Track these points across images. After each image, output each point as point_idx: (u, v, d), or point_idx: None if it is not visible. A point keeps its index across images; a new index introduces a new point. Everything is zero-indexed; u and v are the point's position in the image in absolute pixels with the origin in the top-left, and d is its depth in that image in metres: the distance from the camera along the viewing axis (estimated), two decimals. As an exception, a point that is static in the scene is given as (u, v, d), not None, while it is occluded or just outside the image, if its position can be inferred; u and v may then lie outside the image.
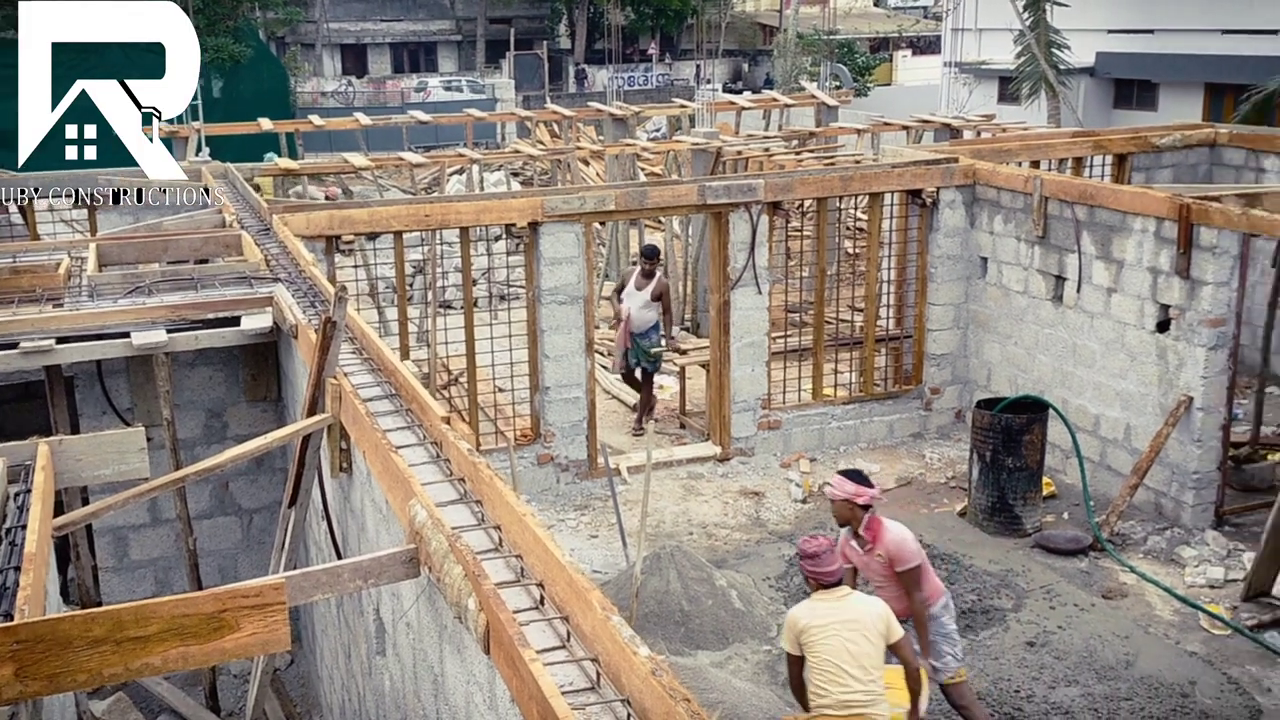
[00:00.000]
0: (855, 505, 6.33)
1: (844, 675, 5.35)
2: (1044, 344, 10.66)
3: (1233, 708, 7.06)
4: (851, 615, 5.46)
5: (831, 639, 5.39)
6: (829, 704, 5.38)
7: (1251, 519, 9.30)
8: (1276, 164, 12.61)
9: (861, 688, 5.34)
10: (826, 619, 5.45)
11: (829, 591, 5.59)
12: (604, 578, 8.81)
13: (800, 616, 5.54)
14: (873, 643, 5.41)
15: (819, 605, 5.54)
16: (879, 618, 5.50)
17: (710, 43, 47.18)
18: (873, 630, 5.43)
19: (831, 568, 5.59)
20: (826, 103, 19.92)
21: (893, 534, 6.31)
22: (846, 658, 5.36)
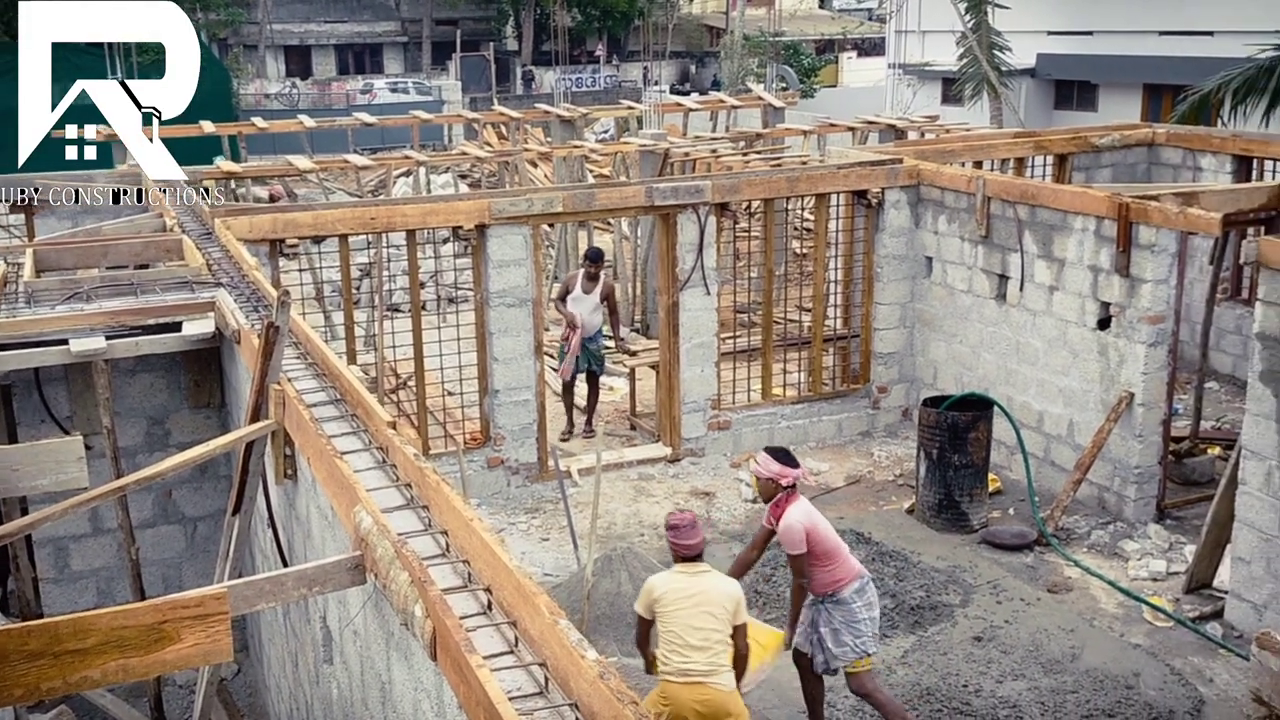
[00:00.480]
0: (778, 484, 6.46)
1: (686, 648, 5.71)
2: (988, 342, 10.79)
3: (1176, 699, 7.18)
4: (701, 590, 5.79)
5: (679, 612, 5.74)
6: (670, 672, 5.78)
7: (1192, 512, 9.47)
8: (1213, 163, 12.86)
9: (701, 659, 5.70)
10: (679, 592, 5.79)
11: (688, 565, 5.90)
12: (555, 580, 8.79)
13: (656, 585, 5.90)
14: (717, 619, 5.74)
15: (676, 578, 5.88)
16: (728, 597, 5.82)
17: (657, 44, 47.27)
18: (719, 608, 5.76)
19: (691, 541, 5.89)
20: (773, 104, 20.03)
21: (785, 520, 6.40)
22: (690, 631, 5.71)
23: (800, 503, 6.51)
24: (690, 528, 5.91)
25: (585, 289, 11.46)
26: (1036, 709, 7.03)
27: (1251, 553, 7.64)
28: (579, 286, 11.50)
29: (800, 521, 6.39)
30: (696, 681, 5.72)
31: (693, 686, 5.73)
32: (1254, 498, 7.59)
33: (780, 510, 6.49)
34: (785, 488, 6.48)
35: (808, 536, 6.38)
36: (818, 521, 6.49)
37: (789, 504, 6.48)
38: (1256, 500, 7.57)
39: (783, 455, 6.57)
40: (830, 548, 6.46)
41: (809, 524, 6.41)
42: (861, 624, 6.50)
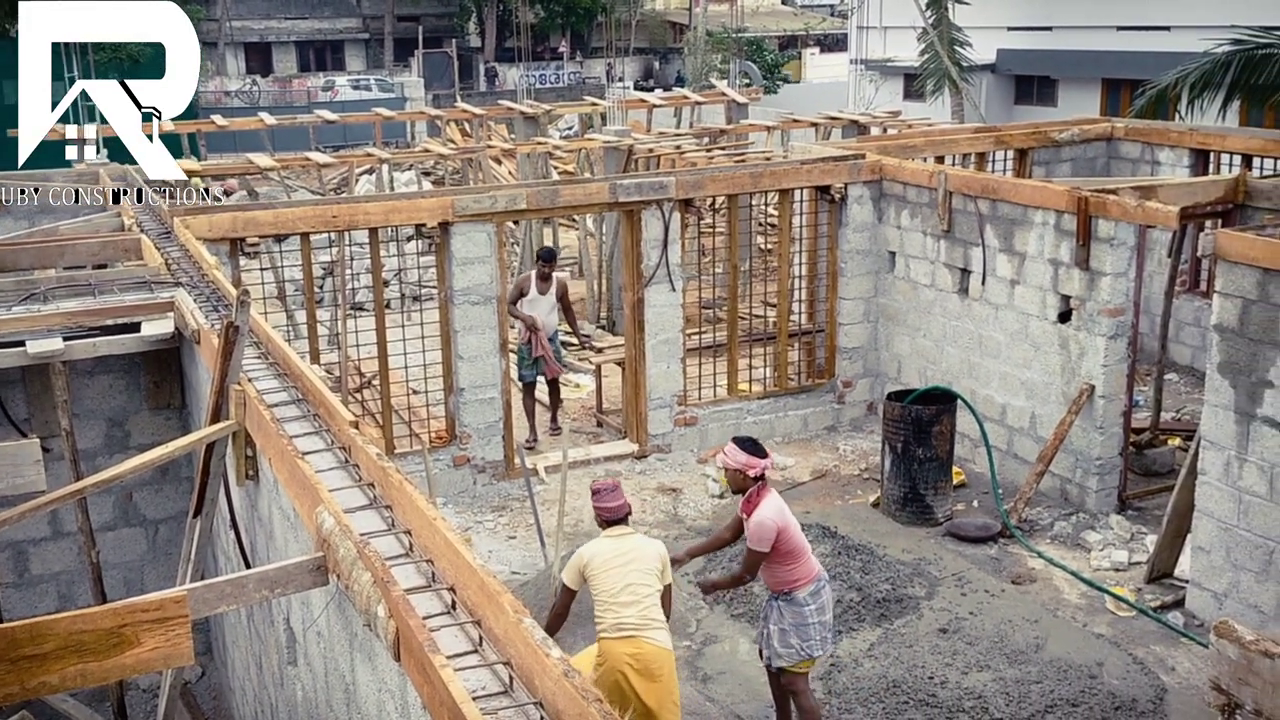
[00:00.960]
0: (746, 475, 6.42)
1: (618, 604, 5.89)
2: (951, 336, 10.86)
3: (1139, 687, 7.26)
4: (628, 549, 5.99)
5: (609, 573, 5.92)
6: (605, 628, 5.94)
7: (1153, 503, 9.58)
8: (1171, 156, 13.01)
9: (633, 613, 5.88)
10: (607, 553, 5.98)
11: (614, 529, 6.10)
12: (523, 578, 8.76)
13: (585, 552, 6.06)
14: (646, 574, 5.95)
15: (603, 542, 6.06)
16: (655, 556, 6.06)
17: (621, 41, 47.25)
18: (647, 565, 5.97)
19: (615, 504, 6.10)
20: (737, 100, 20.08)
21: (757, 514, 6.35)
22: (621, 588, 5.89)
23: (773, 499, 6.45)
24: (612, 491, 6.15)
25: (540, 290, 11.31)
26: (1001, 699, 7.09)
27: (1211, 542, 7.74)
28: (533, 288, 11.32)
29: (773, 520, 6.33)
30: (629, 635, 5.87)
31: (626, 640, 5.87)
32: (1213, 487, 7.69)
33: (753, 505, 6.43)
34: (754, 479, 6.43)
35: (777, 536, 6.32)
36: (790, 521, 6.44)
37: (761, 498, 6.42)
38: (1216, 490, 7.67)
39: (750, 445, 6.51)
40: (795, 547, 6.42)
41: (782, 524, 6.36)
42: (810, 627, 6.44)
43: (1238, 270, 7.35)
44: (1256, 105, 15.41)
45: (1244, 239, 7.36)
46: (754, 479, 6.44)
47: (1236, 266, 7.35)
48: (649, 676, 5.90)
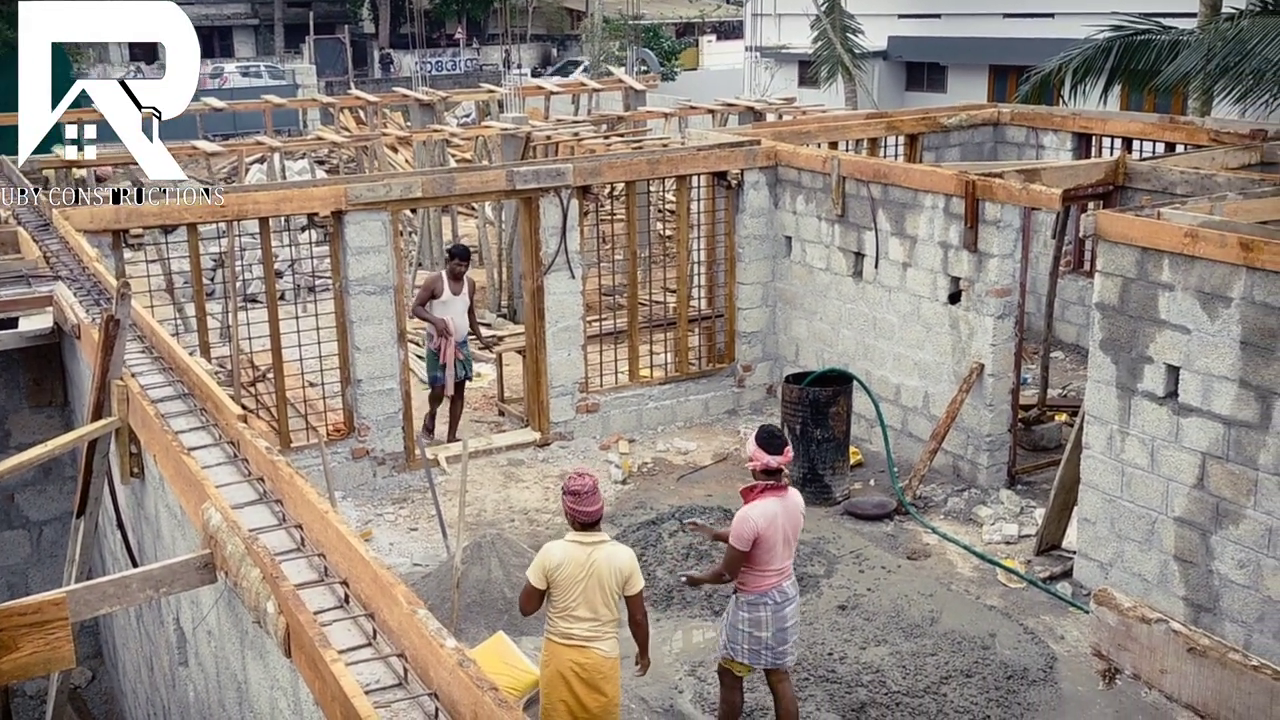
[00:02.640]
0: (753, 468, 6.16)
1: (572, 617, 5.82)
2: (847, 319, 11.03)
3: (1030, 656, 7.48)
4: (594, 563, 5.80)
5: (572, 587, 5.79)
6: (555, 633, 5.91)
7: (1041, 477, 9.86)
8: (1055, 140, 13.38)
9: (585, 627, 5.82)
10: (574, 565, 5.79)
11: (584, 533, 5.86)
12: (425, 570, 8.69)
13: (554, 554, 5.85)
14: (606, 590, 5.82)
15: (572, 549, 5.84)
16: (618, 571, 5.84)
17: (518, 27, 46.90)
18: (609, 580, 5.81)
19: (591, 508, 5.82)
20: (634, 87, 20.09)
21: (745, 510, 6.15)
22: (580, 602, 5.79)
23: (770, 502, 6.13)
24: (590, 494, 5.82)
25: (453, 290, 10.86)
26: (898, 673, 7.25)
27: (1096, 513, 8.00)
28: (446, 289, 10.83)
29: (756, 521, 6.06)
30: (578, 645, 5.85)
31: (574, 648, 5.86)
32: (1097, 461, 7.94)
33: (750, 498, 6.19)
34: (760, 473, 6.14)
35: (755, 540, 6.08)
36: (776, 531, 6.13)
37: (760, 496, 6.15)
38: (1100, 463, 7.93)
39: (765, 438, 6.15)
40: (763, 557, 6.13)
41: (765, 529, 6.07)
42: (738, 632, 6.27)
43: (1118, 250, 7.59)
44: (1136, 89, 15.92)
45: (1123, 219, 7.61)
46: (760, 473, 6.15)
47: (1116, 246, 7.59)
48: (594, 686, 5.91)
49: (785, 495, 6.19)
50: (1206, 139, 11.38)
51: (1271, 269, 6.63)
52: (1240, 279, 6.82)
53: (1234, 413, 6.96)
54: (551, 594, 5.86)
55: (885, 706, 6.94)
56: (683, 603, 8.23)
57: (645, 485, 10.38)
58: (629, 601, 5.93)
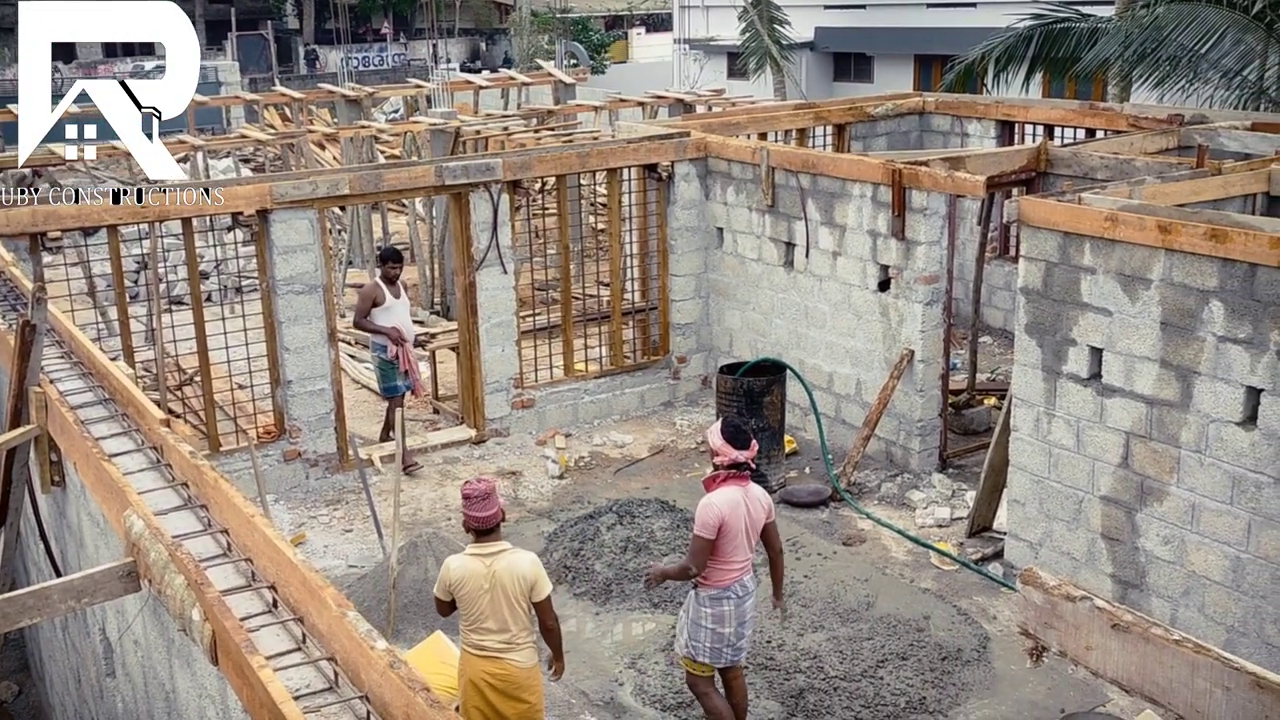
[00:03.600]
0: (720, 464, 6.06)
1: (481, 630, 5.76)
2: (779, 308, 11.10)
3: (963, 637, 7.59)
4: (495, 575, 5.69)
5: (478, 598, 5.70)
6: (469, 645, 5.84)
7: (972, 460, 10.02)
8: (979, 128, 13.57)
9: (495, 639, 5.74)
10: (474, 578, 5.69)
11: (483, 543, 5.74)
12: (361, 572, 8.60)
13: (453, 571, 5.76)
14: (512, 600, 5.71)
15: (470, 561, 5.74)
16: (521, 579, 5.71)
17: (445, 22, 46.51)
18: (513, 590, 5.70)
19: (486, 513, 5.69)
20: (564, 81, 20.03)
21: (708, 497, 6.06)
22: (487, 614, 5.72)
23: (733, 491, 6.05)
24: (484, 498, 5.67)
25: (393, 294, 10.58)
26: (836, 658, 7.32)
27: (1025, 495, 8.14)
28: (386, 295, 10.52)
29: (721, 507, 5.99)
30: (491, 656, 5.78)
31: (488, 660, 5.78)
32: (1025, 443, 8.08)
33: (712, 487, 6.10)
34: (722, 466, 6.04)
35: (720, 527, 5.98)
36: (739, 520, 6.05)
37: (724, 484, 6.07)
38: (1027, 445, 8.06)
39: (731, 432, 6.07)
40: (727, 548, 6.04)
41: (729, 515, 6.00)
42: (702, 630, 6.16)
43: (1040, 235, 7.72)
44: (1057, 77, 16.19)
45: (1045, 205, 7.73)
46: (722, 466, 6.06)
47: (1039, 231, 7.72)
48: (510, 696, 5.84)
49: (747, 486, 6.13)
50: (1126, 124, 11.61)
51: (1188, 251, 6.78)
52: (1159, 261, 6.97)
53: (1156, 392, 7.11)
54: (459, 607, 5.80)
55: (823, 692, 7.00)
56: (621, 595, 8.23)
57: (582, 479, 10.37)
58: (538, 608, 5.83)
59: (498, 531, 5.78)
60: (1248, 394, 6.65)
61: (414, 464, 10.44)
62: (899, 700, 6.92)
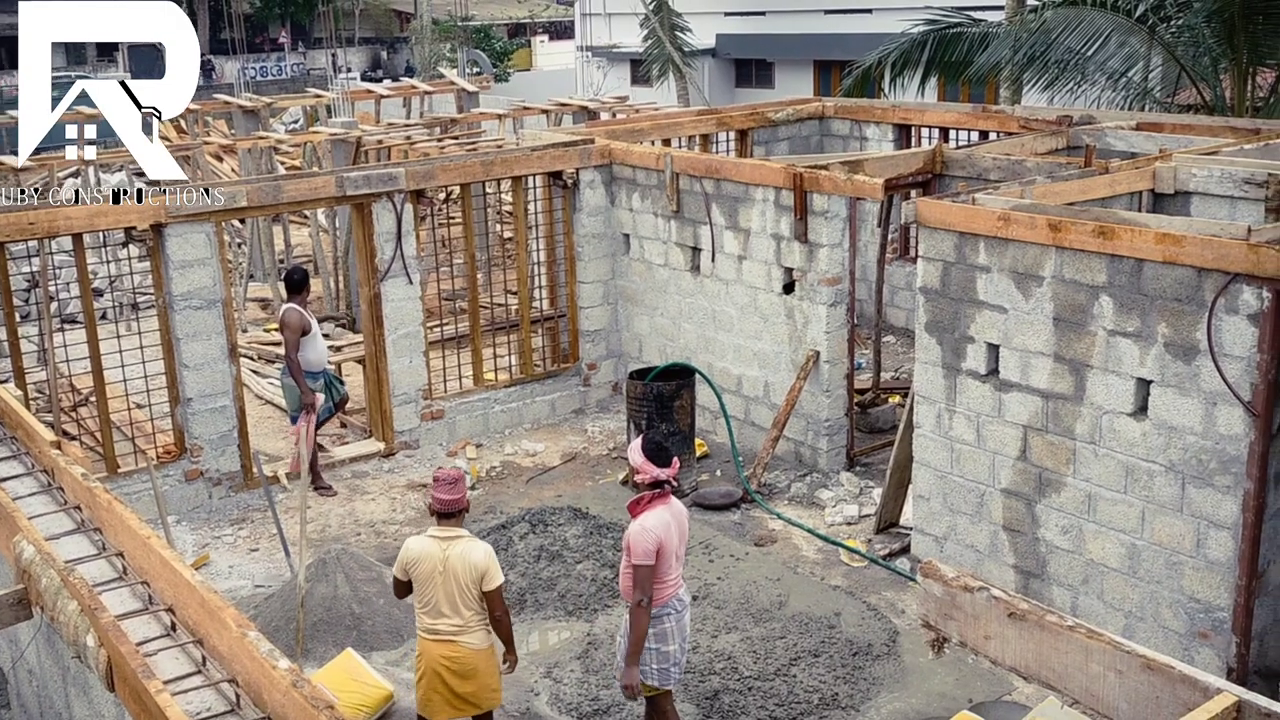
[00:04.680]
0: (640, 480, 5.98)
1: (435, 613, 5.93)
2: (687, 313, 11.18)
3: (874, 632, 7.71)
4: (448, 560, 5.89)
5: (430, 583, 5.91)
6: (424, 630, 6.02)
7: (878, 458, 10.19)
8: (877, 132, 13.82)
9: (448, 623, 5.92)
10: (429, 559, 5.90)
11: (443, 526, 5.95)
12: (268, 591, 8.44)
13: (411, 550, 5.98)
14: (463, 587, 5.90)
15: (428, 543, 5.95)
16: (473, 567, 5.89)
17: (345, 30, 45.92)
18: (464, 577, 5.89)
19: (450, 497, 5.90)
20: (467, 89, 19.91)
21: (640, 522, 5.94)
22: (440, 596, 5.90)
23: (662, 512, 5.95)
24: (452, 484, 5.91)
25: (313, 315, 10.23)
26: (749, 658, 7.38)
27: (930, 490, 8.31)
28: (310, 320, 10.03)
29: (655, 530, 5.86)
30: (445, 640, 5.93)
31: (441, 644, 5.94)
32: (928, 439, 8.24)
33: (640, 510, 5.96)
34: (649, 485, 5.94)
35: (659, 550, 5.86)
36: (671, 538, 5.96)
37: (651, 506, 5.94)
38: (930, 441, 8.23)
39: (653, 449, 5.95)
40: (663, 568, 5.94)
41: (664, 535, 5.89)
42: (645, 652, 6.01)
43: (937, 235, 7.89)
44: (952, 81, 16.58)
45: (941, 206, 7.91)
46: (647, 485, 5.95)
47: (936, 232, 7.89)
48: (464, 676, 6.00)
49: (670, 503, 6.08)
50: (1017, 126, 11.92)
51: (1078, 248, 6.99)
52: (1050, 258, 7.17)
53: (1051, 386, 7.31)
54: (414, 589, 5.98)
55: (738, 692, 7.06)
56: (535, 605, 8.20)
57: (494, 489, 10.31)
58: (487, 598, 5.95)
59: (459, 519, 5.98)
60: (1138, 385, 6.88)
61: (326, 487, 10.27)
62: (812, 697, 7.01)
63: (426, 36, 35.99)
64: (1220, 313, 6.40)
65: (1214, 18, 13.23)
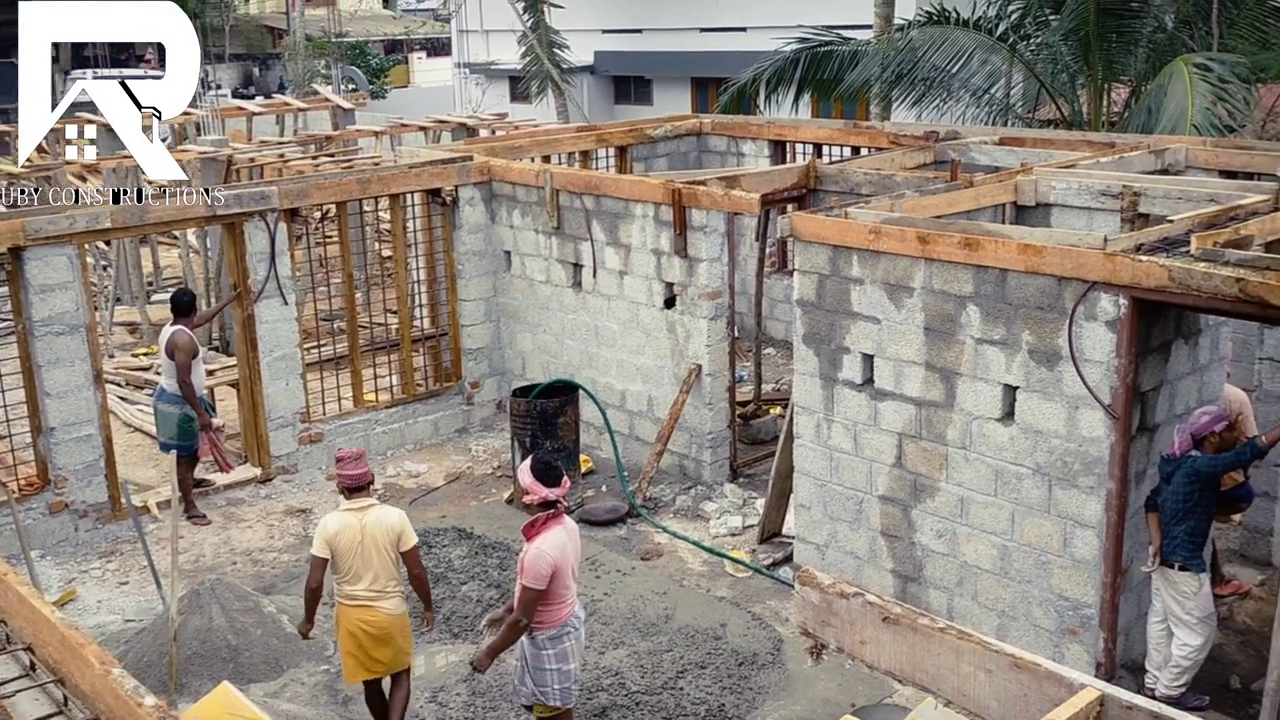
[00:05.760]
0: (531, 501, 5.96)
1: (355, 580, 6.34)
2: (569, 329, 11.17)
3: (758, 641, 7.79)
4: (369, 523, 6.32)
5: (351, 549, 6.29)
6: (343, 597, 6.41)
7: (761, 469, 10.32)
8: (753, 148, 14.04)
9: (365, 587, 6.34)
10: (349, 529, 6.29)
11: (355, 499, 6.36)
12: (139, 625, 8.14)
13: (331, 526, 6.33)
14: (382, 550, 6.34)
15: (345, 517, 6.34)
16: (390, 529, 6.35)
17: (215, 46, 44.80)
18: (383, 540, 6.33)
19: (358, 472, 6.34)
20: (342, 106, 19.65)
21: (536, 546, 5.89)
22: (359, 564, 6.31)
23: (558, 533, 5.94)
24: (356, 459, 6.36)
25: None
26: (637, 672, 7.39)
27: (810, 499, 8.44)
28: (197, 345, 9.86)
29: (551, 553, 5.85)
30: (363, 605, 6.35)
31: (360, 609, 6.36)
32: (808, 449, 8.38)
33: (534, 533, 5.92)
34: (537, 506, 5.93)
35: (553, 574, 5.86)
36: (568, 559, 5.97)
37: (546, 528, 5.92)
38: (810, 450, 8.37)
39: (542, 470, 5.95)
40: (558, 590, 5.95)
41: (559, 558, 5.89)
42: (546, 673, 6.04)
43: (812, 249, 8.04)
44: (824, 98, 16.92)
45: (815, 220, 8.06)
46: (537, 506, 5.94)
47: (811, 245, 8.04)
48: (381, 640, 6.45)
49: (565, 522, 6.07)
50: (887, 142, 12.24)
51: (945, 259, 7.20)
52: (920, 270, 7.37)
53: (923, 394, 7.51)
54: (335, 561, 6.31)
55: (625, 708, 7.06)
56: (418, 630, 8.07)
57: (376, 512, 10.12)
58: (405, 557, 6.39)
59: (367, 491, 6.41)
60: (1005, 391, 7.11)
61: (200, 515, 9.96)
62: (699, 709, 7.04)
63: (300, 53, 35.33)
64: (1080, 319, 6.66)
65: (1070, 36, 13.80)
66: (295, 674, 7.54)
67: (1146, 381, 6.75)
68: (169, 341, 9.70)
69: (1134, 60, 14.07)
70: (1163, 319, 6.76)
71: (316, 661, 7.67)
